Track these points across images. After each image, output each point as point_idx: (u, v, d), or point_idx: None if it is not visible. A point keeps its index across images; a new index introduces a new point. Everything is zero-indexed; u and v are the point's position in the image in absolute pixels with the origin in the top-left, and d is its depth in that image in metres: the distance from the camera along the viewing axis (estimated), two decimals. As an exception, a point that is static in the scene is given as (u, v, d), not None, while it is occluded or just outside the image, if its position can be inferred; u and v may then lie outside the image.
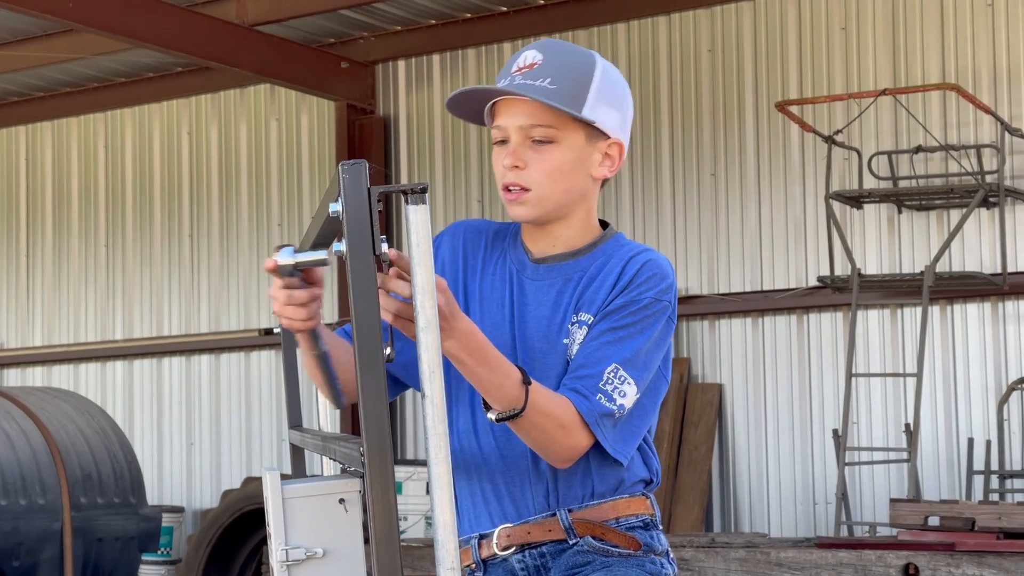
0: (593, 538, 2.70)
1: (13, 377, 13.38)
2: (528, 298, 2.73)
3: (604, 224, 2.82)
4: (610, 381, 2.62)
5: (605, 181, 2.78)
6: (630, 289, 2.69)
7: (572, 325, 2.70)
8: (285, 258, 2.25)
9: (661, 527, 2.80)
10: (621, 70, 10.95)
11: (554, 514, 2.72)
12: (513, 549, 2.74)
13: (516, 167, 2.67)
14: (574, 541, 2.71)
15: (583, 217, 2.77)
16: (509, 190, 2.70)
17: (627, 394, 2.63)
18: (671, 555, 2.79)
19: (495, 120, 2.72)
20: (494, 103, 2.71)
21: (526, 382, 2.55)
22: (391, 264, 2.27)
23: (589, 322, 2.69)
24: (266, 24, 10.72)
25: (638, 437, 2.71)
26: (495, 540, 2.75)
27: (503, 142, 2.71)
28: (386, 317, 2.34)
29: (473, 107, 2.75)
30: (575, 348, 2.69)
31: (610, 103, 2.71)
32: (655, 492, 2.82)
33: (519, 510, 2.74)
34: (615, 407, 2.62)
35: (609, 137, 2.73)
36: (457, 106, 2.74)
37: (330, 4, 10.47)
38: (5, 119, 13.19)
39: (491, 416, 2.56)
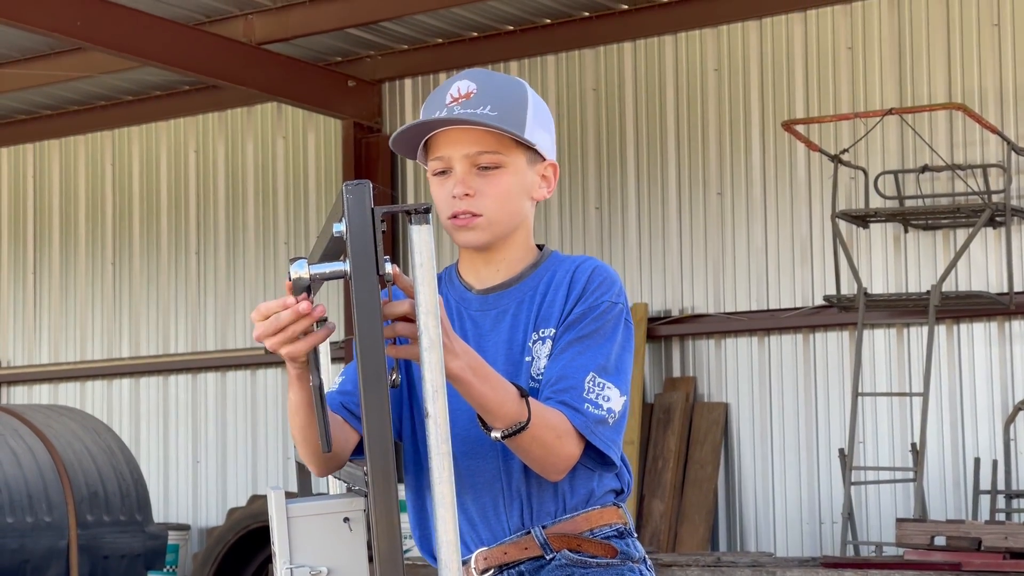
0: (570, 551, 2.73)
1: (19, 394, 13.38)
2: (483, 330, 2.76)
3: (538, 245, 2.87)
4: (591, 390, 2.65)
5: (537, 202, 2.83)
6: (585, 296, 2.72)
7: (534, 343, 2.73)
8: (299, 271, 2.23)
9: (636, 535, 2.83)
10: (627, 90, 10.98)
11: (528, 532, 2.73)
12: (492, 572, 2.75)
13: (467, 195, 2.70)
14: (551, 556, 2.73)
15: (524, 239, 2.80)
16: (457, 217, 2.72)
17: (611, 398, 2.67)
18: (648, 562, 2.82)
19: (435, 152, 2.74)
20: (432, 135, 2.74)
21: (524, 396, 2.57)
22: (392, 282, 2.28)
23: (552, 335, 2.72)
24: (273, 43, 10.74)
25: (621, 440, 2.75)
26: (473, 564, 2.76)
27: (443, 172, 2.74)
28: (389, 352, 2.35)
29: (411, 142, 2.77)
30: (541, 363, 2.72)
31: (543, 127, 2.77)
32: (628, 501, 2.88)
33: (494, 532, 2.75)
34: (605, 412, 2.66)
35: (545, 159, 2.78)
36: (401, 141, 2.77)
37: (337, 23, 10.50)
38: (13, 137, 13.21)
39: (495, 435, 2.57)
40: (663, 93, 10.62)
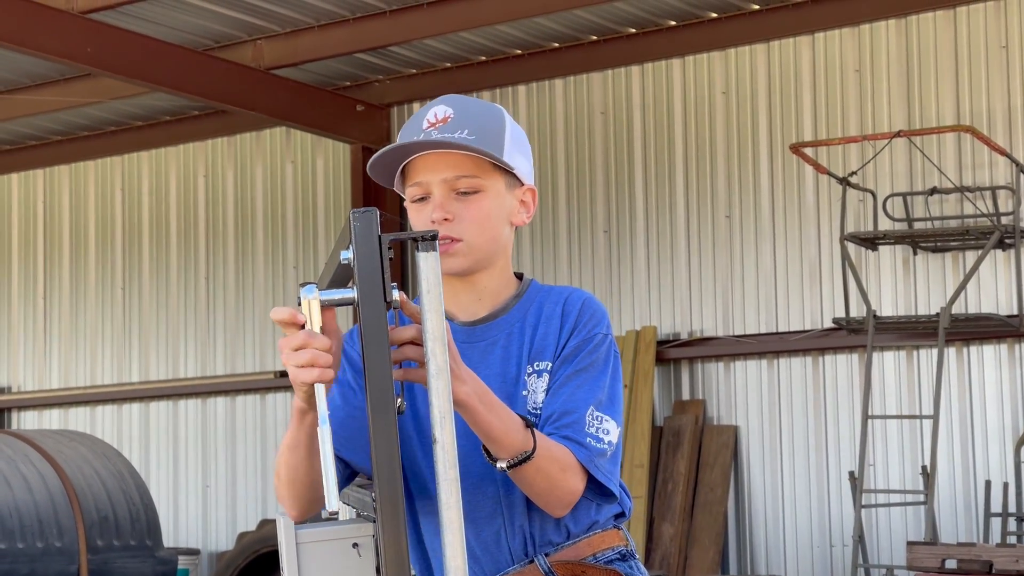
0: None
1: (30, 419, 13.40)
2: (473, 362, 2.69)
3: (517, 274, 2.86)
4: (592, 424, 2.65)
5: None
6: (579, 330, 2.71)
7: (529, 376, 2.72)
8: (308, 296, 2.22)
9: (638, 556, 2.82)
10: (635, 113, 10.96)
11: (532, 561, 2.72)
12: None
13: (446, 220, 2.67)
14: None
15: (503, 266, 2.78)
16: None
17: (610, 431, 2.67)
18: None
19: (413, 178, 2.71)
20: (409, 161, 2.71)
21: (529, 426, 2.56)
22: (399, 308, 2.27)
23: (548, 368, 2.71)
24: (282, 68, 10.78)
25: (619, 471, 2.75)
26: None
27: (422, 199, 2.71)
28: (397, 375, 2.34)
29: (388, 169, 2.74)
30: (539, 396, 2.70)
31: (521, 152, 2.75)
32: (627, 524, 2.88)
33: (497, 563, 2.73)
34: (606, 445, 2.66)
35: (524, 184, 2.76)
36: (378, 167, 2.74)
37: (345, 47, 10.53)
38: (23, 163, 13.26)
39: (501, 465, 2.55)
40: (671, 116, 10.63)
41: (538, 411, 2.69)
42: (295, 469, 2.55)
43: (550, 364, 2.71)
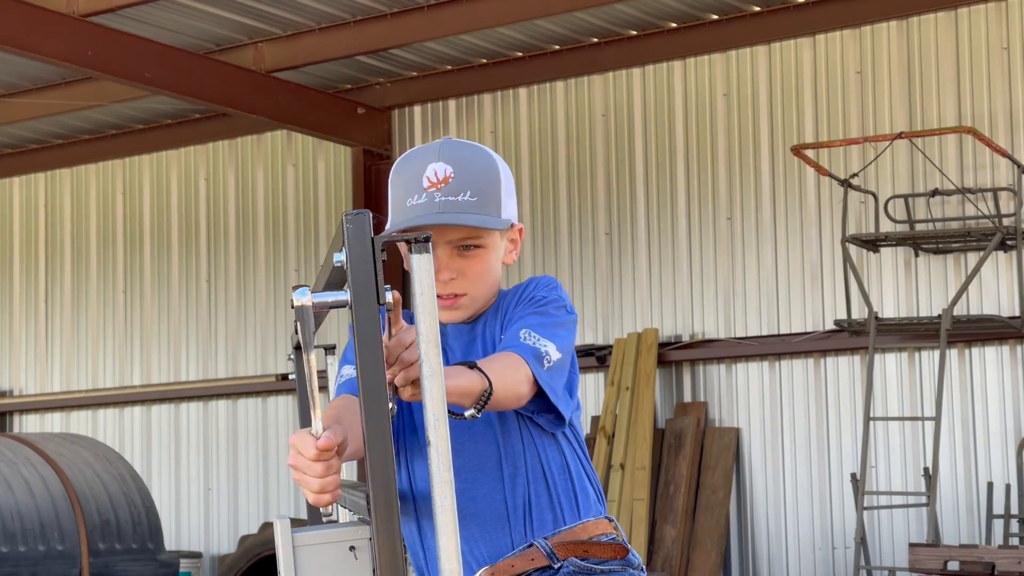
0: (577, 558, 2.78)
1: (32, 423, 13.40)
2: (457, 356, 2.84)
3: None
4: (526, 339, 2.72)
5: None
6: (527, 294, 2.84)
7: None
8: (301, 298, 2.22)
9: (630, 546, 2.88)
10: (636, 115, 10.93)
11: (532, 544, 2.78)
12: None
13: (452, 279, 2.79)
14: (559, 565, 2.77)
15: (492, 296, 2.90)
16: (442, 298, 2.80)
17: (548, 347, 2.72)
18: (644, 571, 2.88)
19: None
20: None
21: (472, 366, 2.59)
22: (391, 309, 2.29)
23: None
24: (283, 70, 10.78)
25: (570, 394, 2.80)
26: None
27: None
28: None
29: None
30: None
31: (510, 195, 2.86)
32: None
33: (497, 547, 2.79)
34: (542, 351, 2.70)
35: (515, 225, 2.87)
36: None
37: (346, 50, 10.53)
38: (25, 166, 13.26)
39: (469, 414, 2.57)
40: (672, 118, 10.63)
41: None
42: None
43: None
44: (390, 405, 2.13)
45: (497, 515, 2.79)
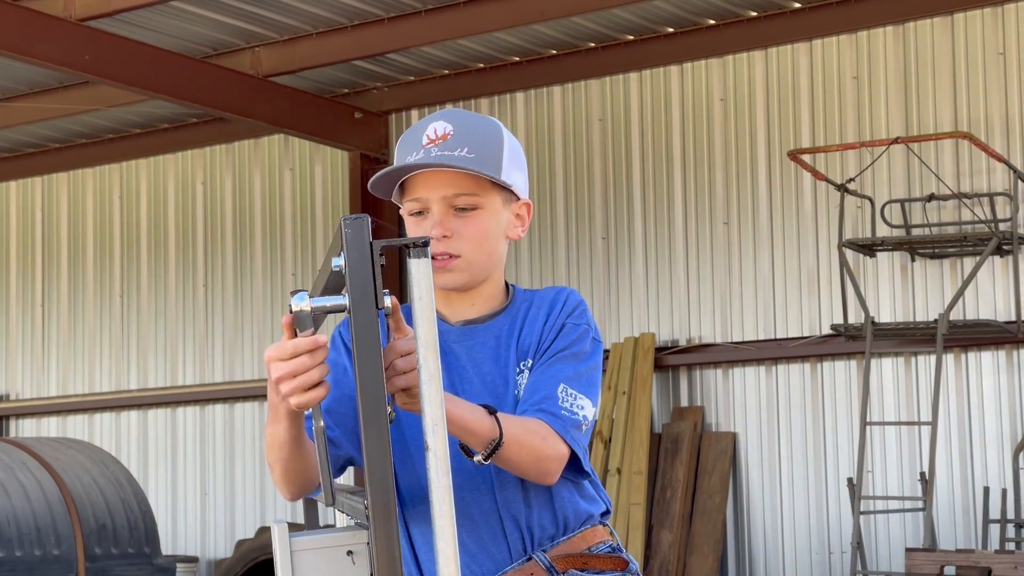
0: (576, 570, 2.76)
1: (28, 427, 13.39)
2: (464, 360, 2.78)
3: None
4: (564, 399, 2.69)
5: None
6: (560, 318, 2.77)
7: (519, 375, 2.77)
8: (300, 303, 2.22)
9: (625, 550, 2.87)
10: (633, 120, 10.94)
11: (531, 558, 2.75)
12: None
13: (445, 236, 2.72)
14: None
15: (498, 277, 2.84)
16: (436, 258, 2.73)
17: (584, 407, 2.71)
18: None
19: (412, 193, 2.75)
20: (408, 177, 2.75)
21: (492, 412, 2.58)
22: (389, 314, 2.28)
23: (531, 365, 2.77)
24: (280, 75, 10.78)
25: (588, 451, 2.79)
26: None
27: (420, 213, 2.75)
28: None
29: (387, 182, 2.78)
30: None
31: (518, 167, 2.80)
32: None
33: (496, 562, 2.76)
34: (580, 418, 2.69)
35: (520, 199, 2.81)
36: (378, 183, 2.78)
37: (343, 55, 10.54)
38: (21, 170, 13.26)
39: (478, 459, 2.57)
40: (669, 123, 10.63)
41: None
42: (287, 462, 2.60)
43: (531, 362, 2.76)
44: (388, 410, 2.13)
45: (493, 530, 2.75)
